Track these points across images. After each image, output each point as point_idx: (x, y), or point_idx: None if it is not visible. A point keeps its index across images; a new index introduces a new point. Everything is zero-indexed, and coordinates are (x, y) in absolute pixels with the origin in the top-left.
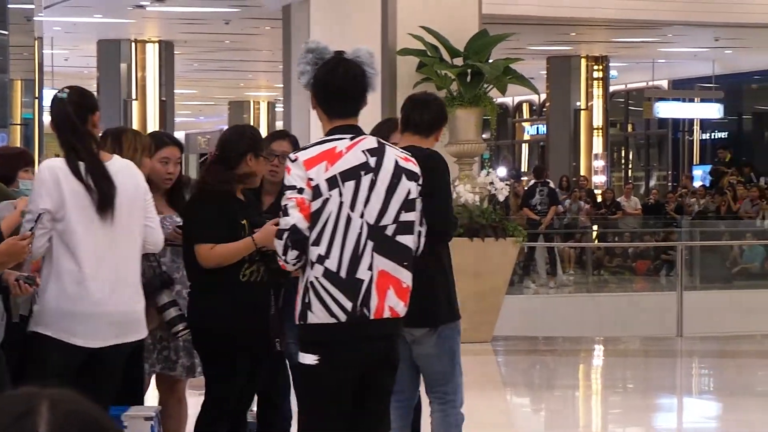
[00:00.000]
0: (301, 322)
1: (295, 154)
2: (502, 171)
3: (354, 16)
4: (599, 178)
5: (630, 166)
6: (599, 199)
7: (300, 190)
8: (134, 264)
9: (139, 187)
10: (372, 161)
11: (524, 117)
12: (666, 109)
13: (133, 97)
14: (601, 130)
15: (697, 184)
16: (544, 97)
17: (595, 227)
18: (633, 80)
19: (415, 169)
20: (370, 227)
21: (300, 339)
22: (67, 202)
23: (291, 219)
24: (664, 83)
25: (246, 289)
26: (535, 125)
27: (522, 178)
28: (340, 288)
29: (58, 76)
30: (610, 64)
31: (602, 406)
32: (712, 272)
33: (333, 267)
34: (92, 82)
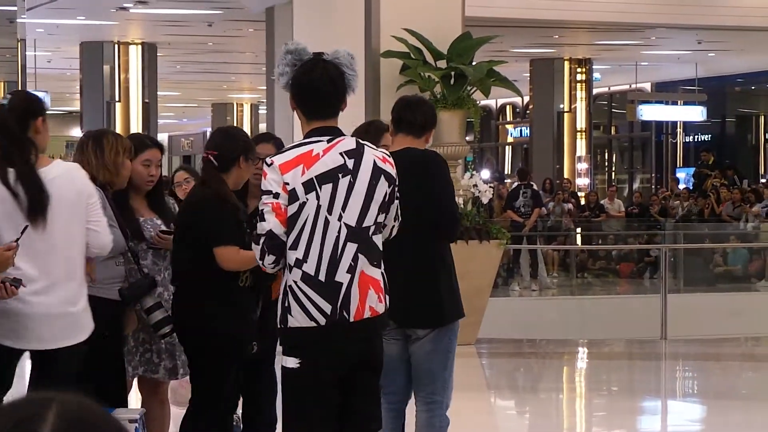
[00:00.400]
0: (282, 326)
1: (271, 158)
2: (486, 173)
3: (337, 19)
4: (583, 181)
5: (613, 169)
6: (583, 202)
7: (276, 195)
8: (74, 268)
9: (82, 192)
10: (350, 163)
11: (507, 119)
12: (649, 112)
13: (116, 99)
14: (584, 133)
15: (680, 187)
16: (527, 99)
17: (579, 230)
18: (616, 83)
19: (392, 171)
20: (351, 229)
21: (281, 343)
22: None
23: (267, 224)
24: (648, 86)
25: (244, 294)
26: (519, 127)
27: (505, 181)
28: (319, 291)
29: (41, 78)
30: (594, 67)
31: (586, 408)
32: (696, 275)
33: (311, 271)
34: (75, 84)
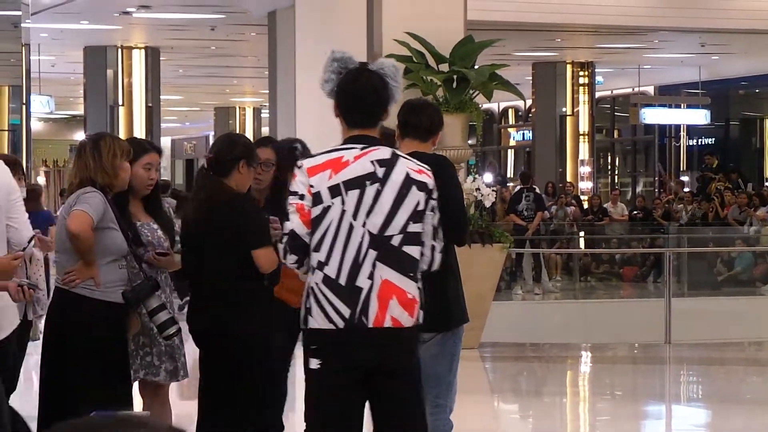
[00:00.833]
0: (303, 327)
1: (301, 161)
2: (488, 177)
3: (339, 22)
4: (585, 184)
5: (616, 172)
6: (585, 205)
7: (301, 196)
8: None
9: (1, 188)
10: (380, 171)
11: (510, 123)
12: (652, 115)
13: (120, 103)
14: (587, 136)
15: (684, 190)
16: (529, 102)
17: (582, 233)
18: (619, 86)
19: (428, 182)
20: (373, 237)
21: (303, 343)
22: None
23: (290, 224)
24: (651, 89)
25: (270, 296)
26: (521, 131)
27: (508, 184)
28: (339, 295)
29: (45, 82)
30: (596, 70)
31: (590, 413)
32: (700, 279)
33: (332, 274)
34: (79, 88)
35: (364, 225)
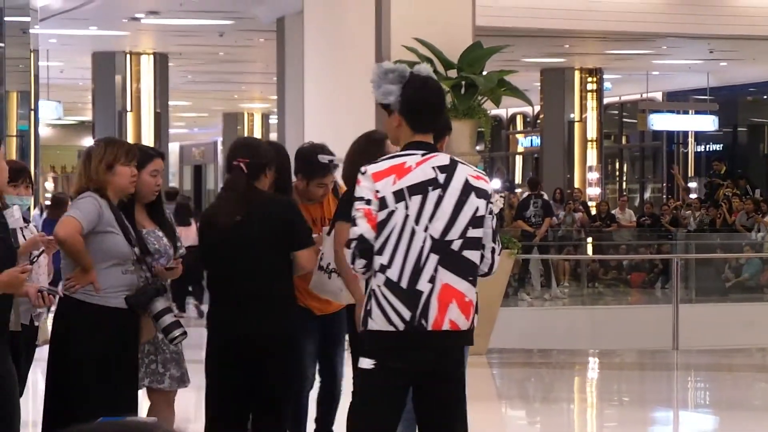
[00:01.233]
0: (363, 328)
1: (365, 167)
2: (497, 183)
3: (348, 28)
4: (593, 191)
5: (624, 179)
6: (594, 212)
7: (368, 201)
8: None
9: None
10: (441, 177)
11: (518, 129)
12: (660, 122)
13: (128, 109)
14: (595, 142)
15: (692, 197)
16: (538, 109)
17: (590, 240)
18: (627, 92)
19: (486, 187)
20: (435, 241)
21: (360, 344)
22: None
23: (359, 229)
24: (659, 95)
25: None
26: (529, 137)
27: (516, 190)
28: (400, 297)
29: (54, 88)
30: (604, 76)
31: (597, 419)
32: (708, 285)
33: (394, 277)
34: (87, 94)
35: (426, 230)
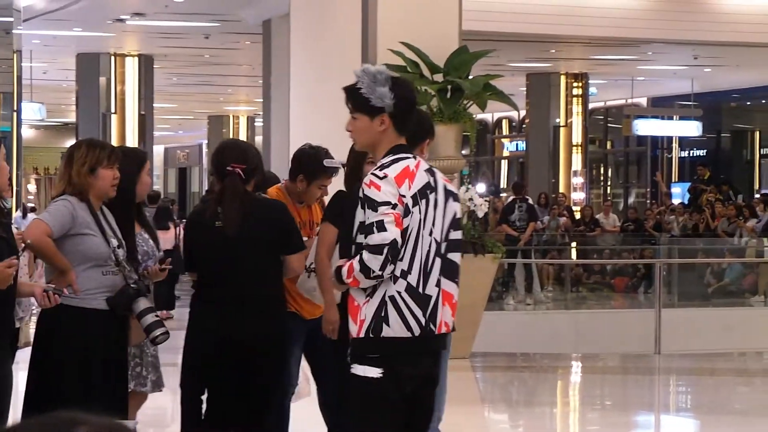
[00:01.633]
0: (372, 336)
1: (381, 171)
2: (482, 187)
3: (334, 32)
4: (578, 195)
5: (609, 183)
6: (578, 216)
7: (394, 206)
8: None
9: None
10: (432, 181)
11: (504, 133)
12: (645, 127)
13: (112, 111)
14: (580, 147)
15: (675, 202)
16: (523, 113)
17: (574, 244)
18: (612, 97)
19: (456, 191)
20: (437, 244)
21: (364, 352)
22: None
23: (390, 234)
24: (644, 101)
25: None
26: (515, 141)
27: (501, 195)
28: (418, 303)
29: (37, 89)
30: (590, 81)
31: (580, 423)
32: (690, 290)
33: (414, 282)
34: (71, 96)
35: (431, 234)
